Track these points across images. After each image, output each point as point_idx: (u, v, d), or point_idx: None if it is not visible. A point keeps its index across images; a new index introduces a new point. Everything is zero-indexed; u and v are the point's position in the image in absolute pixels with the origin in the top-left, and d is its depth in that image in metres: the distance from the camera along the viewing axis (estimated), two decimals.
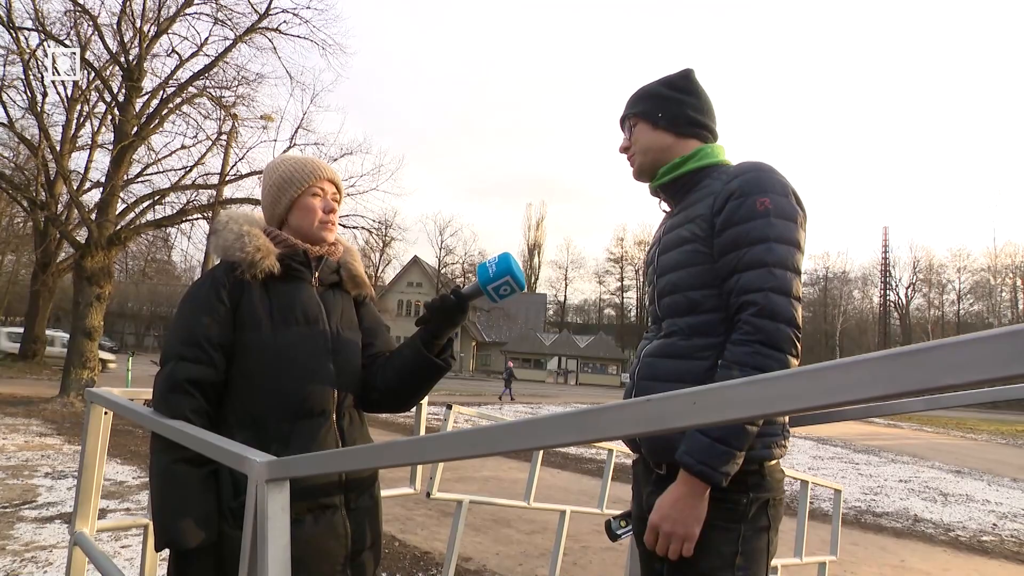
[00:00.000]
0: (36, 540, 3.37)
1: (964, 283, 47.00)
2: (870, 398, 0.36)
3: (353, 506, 1.16)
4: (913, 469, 9.45)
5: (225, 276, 1.15)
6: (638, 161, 1.25)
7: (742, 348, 1.02)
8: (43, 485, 4.63)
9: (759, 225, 1.05)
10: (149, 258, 27.37)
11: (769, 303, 1.02)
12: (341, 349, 1.21)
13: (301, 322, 1.16)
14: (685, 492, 1.02)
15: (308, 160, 1.26)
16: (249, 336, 1.13)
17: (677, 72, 1.26)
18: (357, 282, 1.31)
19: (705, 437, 1.01)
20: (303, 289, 1.20)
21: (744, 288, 1.04)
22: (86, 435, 1.43)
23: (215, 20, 10.21)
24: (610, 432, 0.53)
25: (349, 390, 1.21)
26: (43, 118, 10.14)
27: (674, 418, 0.47)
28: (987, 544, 5.12)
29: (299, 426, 1.12)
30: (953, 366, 0.32)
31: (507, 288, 1.13)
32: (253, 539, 0.85)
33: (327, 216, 1.23)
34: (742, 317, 1.04)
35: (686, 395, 0.46)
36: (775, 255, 1.04)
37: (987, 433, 18.14)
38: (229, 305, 1.13)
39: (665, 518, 1.03)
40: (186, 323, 1.13)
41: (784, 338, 1.02)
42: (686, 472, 1.02)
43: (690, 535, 1.03)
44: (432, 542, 3.89)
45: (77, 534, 1.40)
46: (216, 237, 1.20)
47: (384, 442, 0.79)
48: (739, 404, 0.43)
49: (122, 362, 13.46)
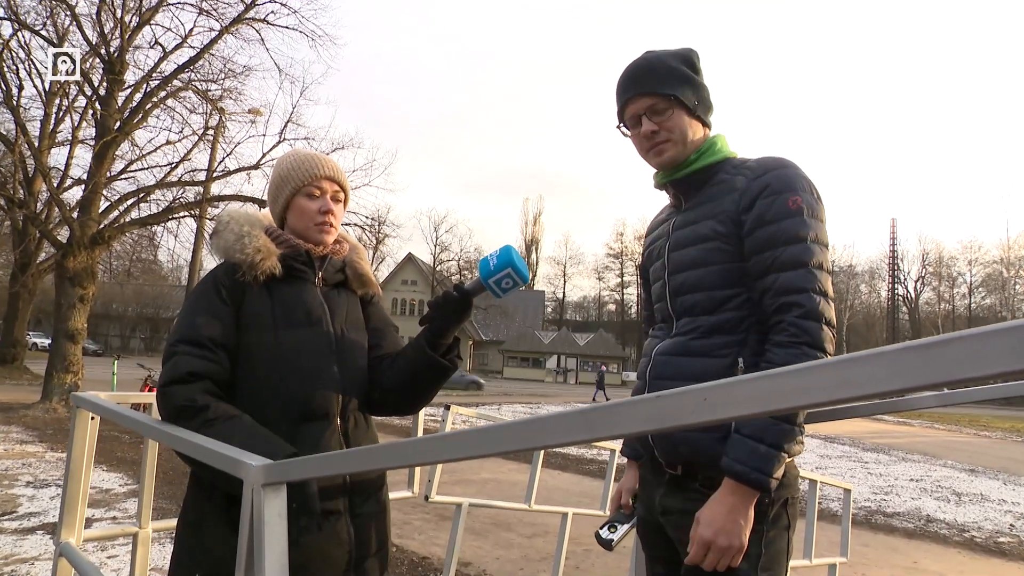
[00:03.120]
0: (17, 552, 3.26)
1: (976, 276, 45.57)
2: (886, 392, 0.35)
3: (358, 511, 1.13)
4: (925, 468, 9.23)
5: (226, 277, 1.12)
6: (674, 151, 1.15)
7: (789, 350, 1.01)
8: (24, 495, 4.49)
9: (794, 224, 1.04)
10: (134, 258, 26.94)
11: (813, 304, 1.01)
12: (345, 351, 1.17)
13: (304, 323, 1.13)
14: (737, 502, 0.99)
15: (307, 157, 1.21)
16: (251, 338, 1.10)
17: (686, 49, 1.18)
18: (363, 281, 1.27)
19: (753, 442, 0.98)
20: (306, 290, 1.17)
21: (784, 288, 1.03)
22: (72, 441, 1.37)
23: (200, 10, 9.99)
24: (621, 430, 0.52)
25: (354, 393, 1.17)
26: (19, 112, 9.86)
27: (686, 414, 0.46)
28: (1004, 545, 4.99)
29: (302, 430, 1.09)
30: (973, 358, 0.31)
31: (509, 281, 1.11)
32: (249, 546, 0.82)
33: (322, 217, 1.18)
34: (786, 319, 1.02)
35: (697, 391, 0.45)
36: (813, 255, 1.03)
37: (1002, 431, 17.46)
38: (231, 306, 1.11)
39: (720, 531, 0.99)
40: (189, 322, 1.10)
41: (827, 338, 1.02)
42: (736, 480, 0.99)
43: (744, 546, 1.00)
44: (430, 547, 3.82)
45: (62, 544, 1.35)
46: (217, 238, 1.17)
47: (386, 443, 0.76)
48: (751, 400, 0.42)
49: (107, 365, 13.19)
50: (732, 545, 0.98)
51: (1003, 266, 44.04)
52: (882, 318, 48.18)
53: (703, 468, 1.07)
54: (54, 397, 8.90)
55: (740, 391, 0.43)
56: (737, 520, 0.99)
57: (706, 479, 1.06)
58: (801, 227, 1.03)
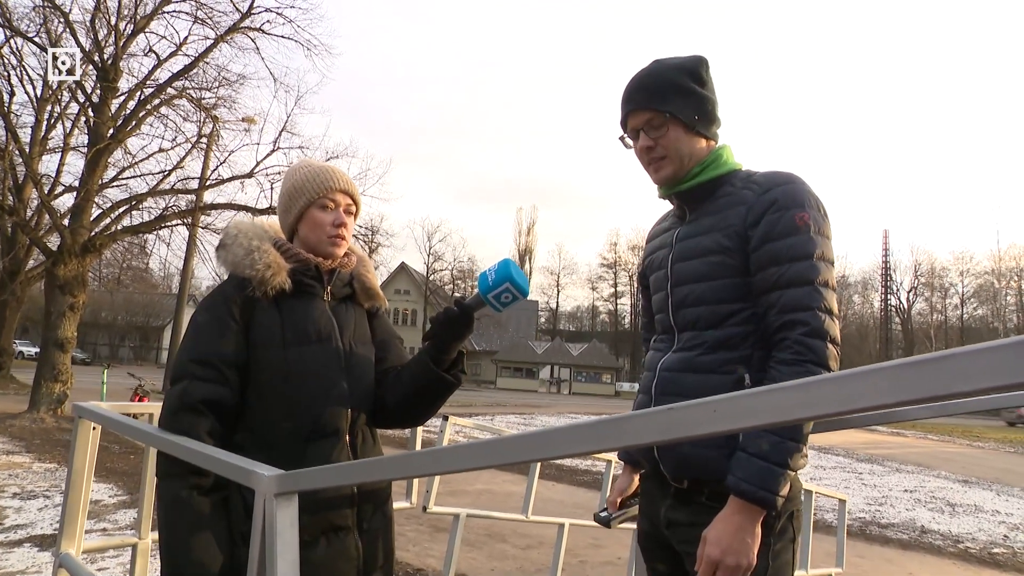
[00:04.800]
0: (4, 565, 3.19)
1: (968, 287, 45.49)
2: (887, 404, 0.37)
3: (366, 526, 1.12)
4: (919, 478, 9.21)
5: (236, 292, 1.11)
6: (671, 169, 1.14)
7: (794, 368, 1.01)
8: (11, 506, 4.39)
9: (801, 241, 1.04)
10: (125, 265, 26.64)
11: (818, 323, 1.01)
12: (355, 366, 1.17)
13: (314, 339, 1.12)
14: (744, 520, 0.98)
15: (322, 169, 1.20)
16: (260, 355, 1.09)
17: (693, 59, 1.16)
18: (370, 294, 1.27)
19: (759, 460, 0.98)
20: (315, 305, 1.16)
21: (790, 306, 1.02)
22: (74, 451, 1.37)
23: (195, 19, 9.98)
24: (632, 440, 0.54)
25: (363, 408, 1.17)
26: (10, 118, 9.78)
27: (696, 426, 0.48)
28: (999, 556, 4.98)
29: (312, 448, 1.08)
30: (971, 373, 0.34)
31: (508, 295, 1.10)
32: (261, 556, 0.83)
33: (336, 230, 1.18)
34: (791, 337, 1.02)
35: (707, 403, 0.47)
36: (819, 273, 1.03)
37: (994, 441, 17.46)
38: (241, 323, 1.10)
39: (729, 551, 0.98)
40: (198, 341, 1.09)
41: (831, 356, 1.02)
42: (743, 500, 0.98)
43: (752, 564, 0.99)
44: (425, 558, 3.79)
45: (63, 555, 1.35)
46: (225, 251, 1.15)
47: (399, 454, 0.77)
48: (758, 412, 0.44)
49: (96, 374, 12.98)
50: (740, 564, 0.98)
51: (994, 277, 44.29)
52: (875, 329, 48.39)
53: (710, 483, 1.07)
54: (42, 407, 8.74)
55: (750, 403, 0.45)
56: (744, 539, 0.98)
57: (712, 493, 1.06)
58: (808, 244, 1.03)
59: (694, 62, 1.16)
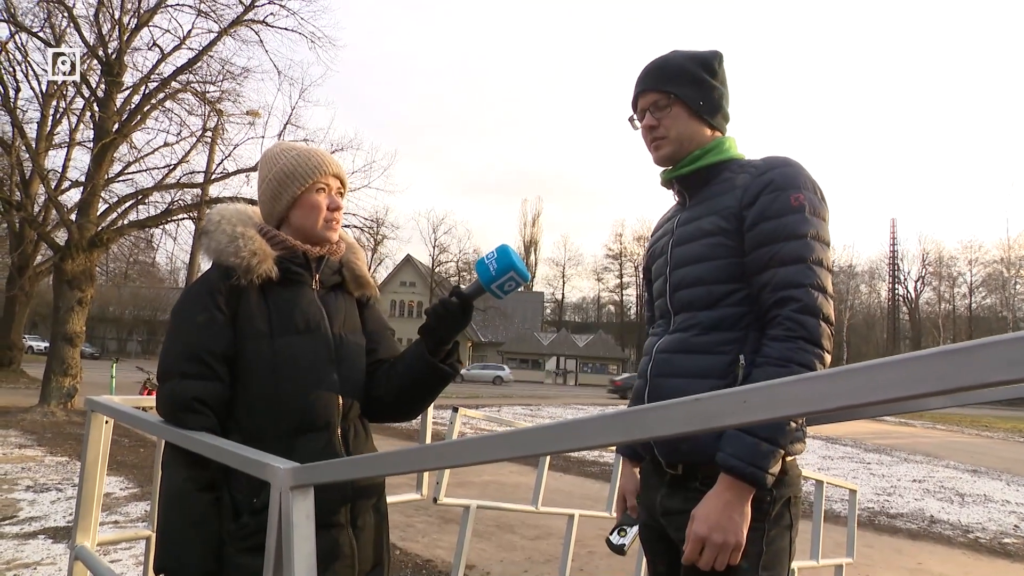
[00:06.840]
0: (19, 557, 3.23)
1: (976, 276, 45.10)
2: (919, 395, 0.37)
3: (359, 523, 1.10)
4: (927, 468, 9.17)
5: (220, 282, 1.06)
6: (670, 148, 1.16)
7: (785, 344, 1.00)
8: (24, 499, 4.45)
9: (795, 220, 1.04)
10: (132, 260, 26.80)
11: (810, 299, 1.01)
12: (345, 357, 1.13)
13: (302, 329, 1.09)
14: (732, 497, 0.97)
15: (313, 152, 1.16)
16: (247, 346, 1.05)
17: (709, 52, 1.19)
18: (360, 283, 1.23)
19: (750, 437, 0.97)
20: (303, 293, 1.12)
21: (783, 283, 1.02)
22: (87, 444, 1.38)
23: (198, 12, 9.93)
24: (657, 432, 0.53)
25: (354, 400, 1.14)
26: (16, 114, 9.80)
27: (724, 416, 0.47)
28: (1009, 546, 4.97)
29: (301, 441, 1.05)
30: (1007, 363, 0.33)
31: (512, 283, 1.08)
32: (278, 548, 0.83)
33: (332, 214, 1.14)
34: (783, 313, 1.01)
35: (736, 393, 0.46)
36: (812, 251, 1.03)
37: (1004, 431, 17.29)
38: (228, 314, 1.05)
39: (715, 528, 0.97)
40: (184, 335, 1.04)
41: (824, 334, 1.01)
42: (732, 476, 0.97)
43: (740, 543, 0.98)
44: (434, 549, 3.81)
45: (78, 548, 1.35)
46: (208, 238, 1.10)
47: (417, 446, 0.78)
48: (790, 401, 0.43)
49: (104, 368, 13.11)
50: (727, 542, 0.96)
51: (1003, 266, 43.68)
52: (882, 318, 47.96)
53: (703, 467, 1.06)
54: (52, 401, 8.83)
55: (780, 393, 0.44)
56: (732, 516, 0.97)
57: (706, 478, 1.05)
58: (802, 224, 1.04)
59: (709, 54, 1.19)
